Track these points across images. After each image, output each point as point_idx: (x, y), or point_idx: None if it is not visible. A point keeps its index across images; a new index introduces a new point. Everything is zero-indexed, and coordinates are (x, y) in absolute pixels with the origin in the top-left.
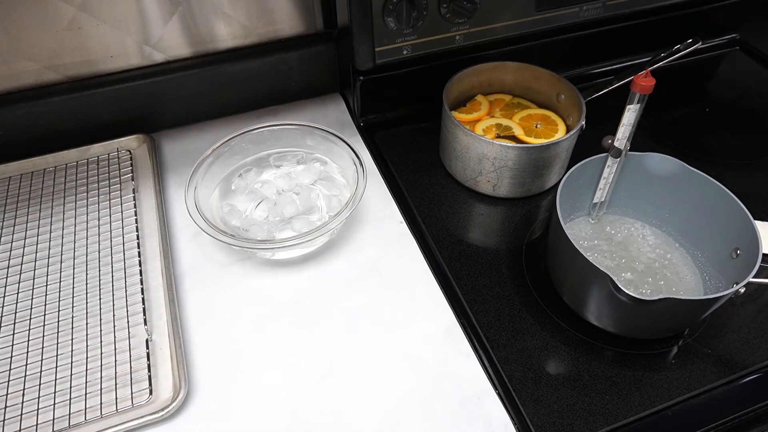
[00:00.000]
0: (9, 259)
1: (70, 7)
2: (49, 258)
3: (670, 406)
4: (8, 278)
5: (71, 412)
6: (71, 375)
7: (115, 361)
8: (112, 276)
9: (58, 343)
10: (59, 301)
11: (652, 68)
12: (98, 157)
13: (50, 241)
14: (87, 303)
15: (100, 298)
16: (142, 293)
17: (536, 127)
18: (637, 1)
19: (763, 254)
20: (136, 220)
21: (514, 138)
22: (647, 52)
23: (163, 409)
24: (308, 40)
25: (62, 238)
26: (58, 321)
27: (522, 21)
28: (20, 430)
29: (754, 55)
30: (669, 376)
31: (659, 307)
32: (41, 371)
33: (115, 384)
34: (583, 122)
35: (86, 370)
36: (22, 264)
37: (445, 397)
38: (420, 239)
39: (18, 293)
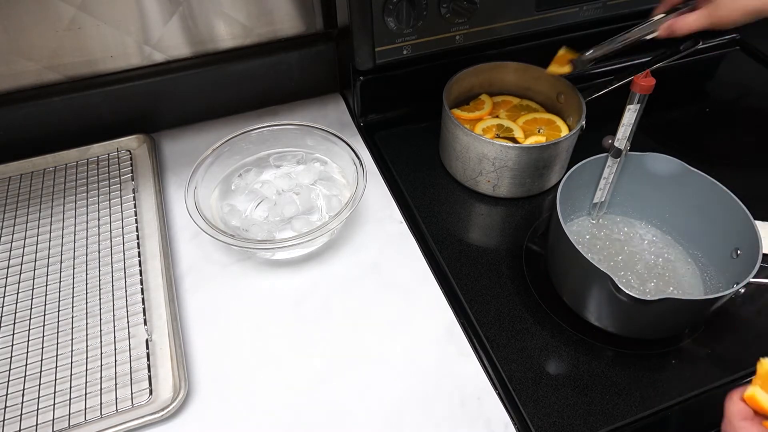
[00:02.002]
0: (9, 259)
1: (70, 7)
2: (49, 258)
3: (670, 406)
4: (8, 278)
5: (71, 412)
6: (71, 375)
7: (115, 361)
8: (112, 276)
9: (58, 343)
10: (59, 301)
11: (652, 68)
12: (98, 157)
13: (50, 241)
14: (87, 303)
15: (100, 298)
16: (142, 293)
17: (539, 131)
18: (637, 1)
19: (763, 254)
20: (136, 220)
21: (513, 140)
22: (647, 52)
23: (163, 409)
24: (308, 40)
25: (62, 238)
26: (58, 321)
27: (522, 21)
28: (20, 430)
29: (754, 55)
30: (669, 376)
31: (659, 307)
32: (41, 371)
33: (115, 384)
34: (583, 122)
35: (86, 370)
36: (22, 264)
37: (445, 397)
38: (420, 239)
39: (18, 293)
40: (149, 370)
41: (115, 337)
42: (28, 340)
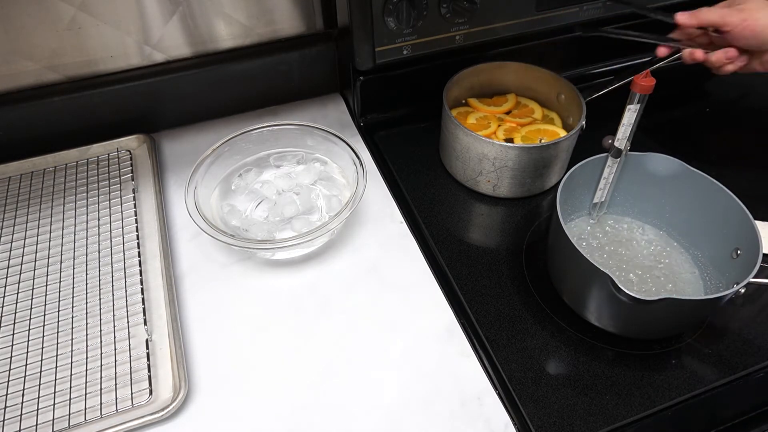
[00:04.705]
0: (9, 259)
1: (70, 7)
2: (49, 258)
3: (670, 406)
4: (8, 278)
5: (71, 412)
6: (71, 375)
7: (115, 361)
8: (112, 276)
9: (58, 343)
10: (59, 301)
11: (652, 68)
12: (98, 157)
13: (50, 241)
14: (87, 303)
15: (100, 298)
16: (142, 293)
17: (540, 141)
18: (637, 1)
19: (763, 254)
20: (136, 220)
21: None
22: (647, 52)
23: (163, 409)
24: (308, 40)
25: (62, 238)
26: (58, 321)
27: (522, 21)
28: (20, 430)
29: None
30: (669, 376)
31: (659, 307)
32: (41, 371)
33: (115, 384)
34: (583, 122)
35: (86, 370)
36: (22, 264)
37: (445, 397)
38: (420, 239)
39: (18, 293)
40: (149, 370)
41: (115, 337)
42: (28, 340)
